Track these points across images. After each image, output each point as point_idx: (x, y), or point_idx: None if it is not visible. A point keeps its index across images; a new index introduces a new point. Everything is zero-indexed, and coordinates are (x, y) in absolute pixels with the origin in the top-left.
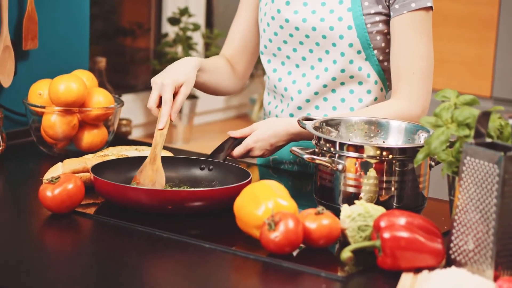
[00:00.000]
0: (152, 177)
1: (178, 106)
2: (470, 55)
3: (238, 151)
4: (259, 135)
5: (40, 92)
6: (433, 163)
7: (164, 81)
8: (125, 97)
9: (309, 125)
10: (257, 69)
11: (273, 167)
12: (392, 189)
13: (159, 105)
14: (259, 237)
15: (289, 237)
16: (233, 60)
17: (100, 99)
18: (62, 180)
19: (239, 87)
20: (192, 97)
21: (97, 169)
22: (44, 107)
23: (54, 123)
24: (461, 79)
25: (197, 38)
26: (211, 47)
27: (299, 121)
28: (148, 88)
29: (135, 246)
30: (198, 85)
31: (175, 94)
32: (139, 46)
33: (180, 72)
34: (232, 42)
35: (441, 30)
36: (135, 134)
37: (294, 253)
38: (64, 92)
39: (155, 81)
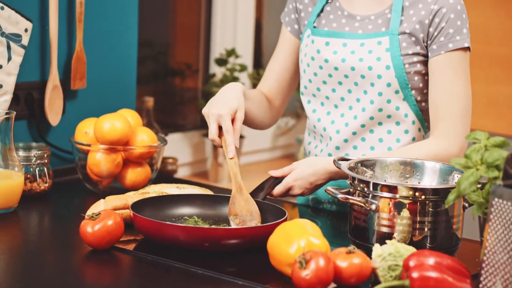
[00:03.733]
0: (246, 207)
1: (238, 132)
2: None
3: (278, 189)
4: (298, 174)
5: (86, 130)
6: (466, 204)
7: (220, 111)
8: (172, 136)
9: (344, 165)
10: (303, 110)
11: (312, 206)
12: (426, 229)
13: (219, 135)
14: (291, 275)
15: (320, 275)
16: (269, 96)
17: (144, 138)
18: (102, 216)
19: (273, 122)
20: None
21: (137, 206)
22: (89, 145)
23: (99, 161)
24: (509, 122)
25: (244, 78)
26: None
27: (334, 161)
28: (195, 127)
29: (170, 282)
30: None
31: (231, 121)
32: (188, 86)
33: (232, 98)
34: (268, 80)
35: (487, 72)
36: (181, 173)
37: None
38: (108, 131)
39: (211, 112)
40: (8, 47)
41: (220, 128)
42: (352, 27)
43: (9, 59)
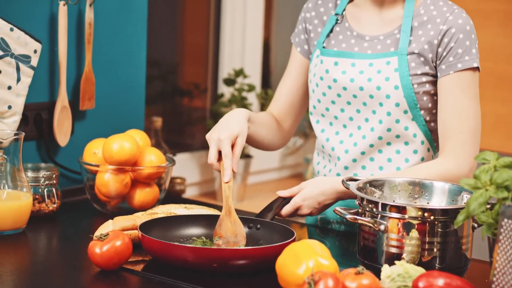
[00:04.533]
0: (232, 229)
1: (237, 157)
2: None
3: (286, 210)
4: (307, 194)
5: (95, 151)
6: (475, 225)
7: (220, 136)
8: (180, 156)
9: (352, 185)
10: (311, 129)
11: (321, 226)
12: (435, 250)
13: (219, 159)
14: None
15: None
16: (279, 117)
17: (152, 158)
18: (110, 237)
19: (283, 143)
20: (246, 156)
21: (145, 226)
22: (98, 166)
23: (108, 181)
24: None
25: (252, 98)
26: (266, 108)
27: (343, 182)
28: (203, 147)
29: None
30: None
31: (232, 146)
32: (196, 106)
33: (234, 124)
34: (279, 101)
35: (496, 91)
36: (189, 193)
37: None
38: (117, 151)
39: (212, 136)
40: (17, 68)
41: (220, 152)
42: (361, 47)
43: (18, 80)
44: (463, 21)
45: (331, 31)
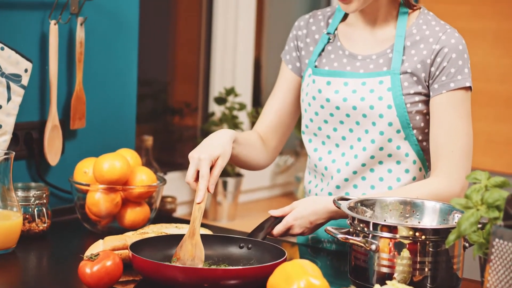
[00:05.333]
0: (191, 252)
1: (215, 178)
2: None
3: (278, 229)
4: (298, 213)
5: (86, 170)
6: (467, 244)
7: (201, 156)
8: (171, 175)
9: (344, 205)
10: (302, 148)
11: (312, 246)
12: (426, 269)
13: (197, 179)
14: None
15: None
16: (265, 136)
17: (143, 178)
18: (101, 257)
19: (268, 162)
20: (237, 175)
21: (136, 246)
22: (88, 185)
23: (98, 201)
24: (509, 159)
25: (243, 117)
26: None
27: (334, 201)
28: None
29: None
30: (231, 157)
31: (211, 167)
32: (187, 125)
33: (216, 145)
34: (266, 119)
35: (487, 110)
36: (180, 212)
37: None
38: (108, 171)
39: (193, 156)
40: (8, 87)
41: (198, 172)
42: (354, 67)
43: (9, 99)
44: (455, 40)
45: (323, 50)
